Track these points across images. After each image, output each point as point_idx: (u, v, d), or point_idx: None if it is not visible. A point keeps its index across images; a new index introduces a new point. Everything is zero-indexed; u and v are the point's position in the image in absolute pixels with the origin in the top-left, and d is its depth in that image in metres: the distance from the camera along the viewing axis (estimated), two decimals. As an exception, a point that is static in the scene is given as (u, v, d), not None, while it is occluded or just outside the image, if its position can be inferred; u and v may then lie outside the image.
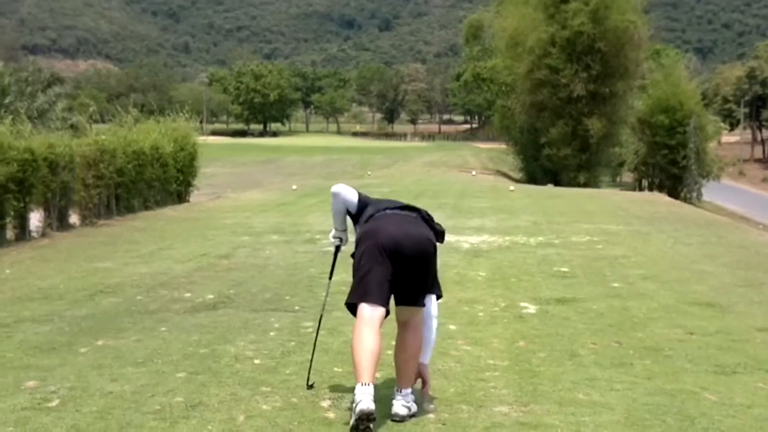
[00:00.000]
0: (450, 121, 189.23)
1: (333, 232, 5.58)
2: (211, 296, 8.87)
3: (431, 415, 5.05)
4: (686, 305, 8.50)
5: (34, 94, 44.51)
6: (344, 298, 5.07)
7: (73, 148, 16.87)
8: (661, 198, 30.85)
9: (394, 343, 5.26)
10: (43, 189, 15.38)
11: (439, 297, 5.32)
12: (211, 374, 5.85)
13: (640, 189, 52.19)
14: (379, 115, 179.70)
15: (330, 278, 5.83)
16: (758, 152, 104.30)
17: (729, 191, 61.12)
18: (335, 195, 5.30)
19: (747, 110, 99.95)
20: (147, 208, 20.44)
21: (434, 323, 5.29)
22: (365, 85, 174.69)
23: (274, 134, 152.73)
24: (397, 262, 4.87)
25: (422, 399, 5.13)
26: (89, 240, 14.98)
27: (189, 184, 24.28)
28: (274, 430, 4.77)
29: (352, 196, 5.29)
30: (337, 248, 5.61)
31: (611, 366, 6.14)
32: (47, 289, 9.55)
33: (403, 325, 5.12)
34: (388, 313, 4.96)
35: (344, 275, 8.61)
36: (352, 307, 4.97)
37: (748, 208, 49.06)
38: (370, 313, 4.84)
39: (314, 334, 5.85)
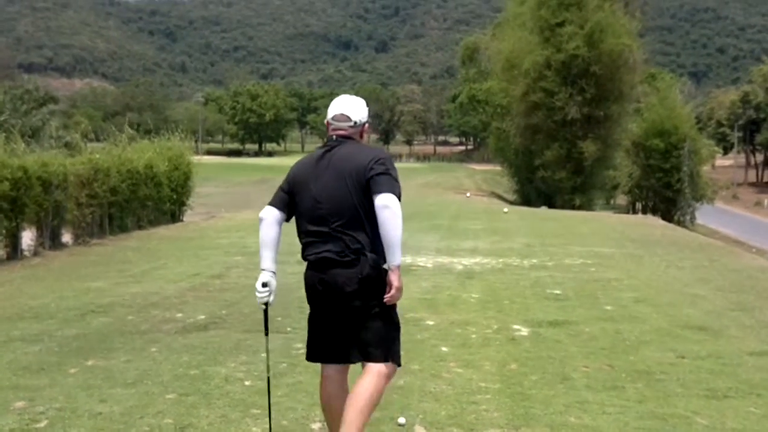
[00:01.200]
0: (445, 143, 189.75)
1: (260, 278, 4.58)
2: (202, 317, 8.84)
3: (421, 439, 5.02)
4: (678, 329, 8.49)
5: (29, 112, 44.56)
6: None
7: (67, 166, 16.85)
8: (655, 221, 30.90)
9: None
10: (36, 208, 15.34)
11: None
12: (201, 396, 5.82)
13: (634, 212, 52.32)
14: (375, 136, 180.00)
15: (266, 335, 4.94)
16: (752, 176, 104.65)
17: (722, 215, 61.27)
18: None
19: (741, 134, 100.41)
20: (140, 227, 20.41)
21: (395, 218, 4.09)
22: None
23: (270, 154, 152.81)
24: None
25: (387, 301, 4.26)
26: (81, 259, 14.94)
27: (183, 204, 24.25)
28: (263, 453, 4.74)
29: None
30: (266, 306, 4.71)
31: (603, 389, 6.12)
32: (38, 308, 9.51)
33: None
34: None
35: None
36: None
37: (741, 232, 49.15)
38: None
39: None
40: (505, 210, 31.58)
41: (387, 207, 4.05)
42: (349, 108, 4.40)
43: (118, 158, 19.93)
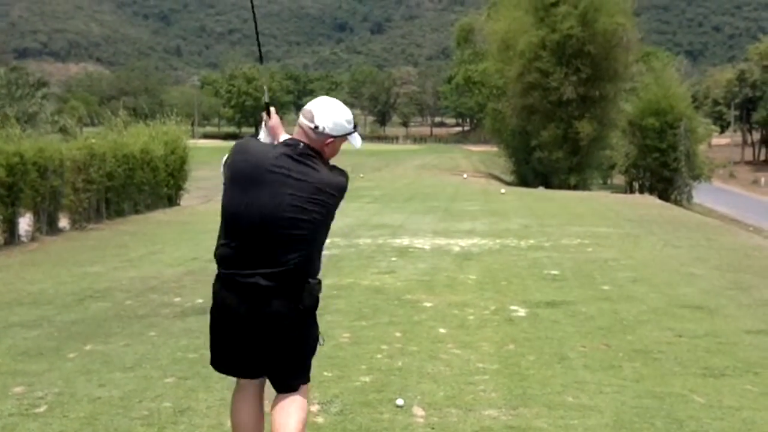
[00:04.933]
0: (442, 124, 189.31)
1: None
2: (200, 300, 8.84)
3: (420, 419, 5.05)
4: (675, 308, 8.52)
5: (24, 97, 44.45)
6: (333, 301, 4.81)
7: (63, 152, 16.83)
8: (652, 200, 30.92)
9: None
10: (33, 193, 15.33)
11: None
12: (199, 379, 5.84)
13: (631, 191, 52.28)
14: (371, 118, 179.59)
15: None
16: (748, 154, 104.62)
17: (719, 193, 61.26)
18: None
19: (737, 113, 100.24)
20: (137, 212, 20.40)
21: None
22: (357, 88, 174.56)
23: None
24: None
25: None
26: (79, 244, 14.93)
27: (179, 188, 24.23)
28: (263, 435, 4.75)
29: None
30: None
31: (600, 369, 6.15)
32: (36, 293, 9.52)
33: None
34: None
35: (335, 279, 8.64)
36: None
37: (738, 211, 49.13)
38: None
39: None
40: (503, 191, 31.58)
41: None
42: (321, 109, 3.69)
43: (114, 143, 19.91)
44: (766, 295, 9.48)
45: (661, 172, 50.62)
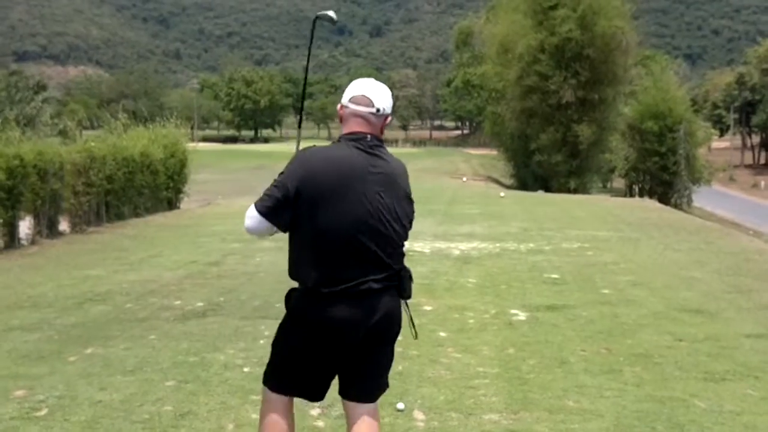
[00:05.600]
0: (441, 127, 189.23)
1: None
2: (200, 304, 8.85)
3: (421, 423, 5.05)
4: (676, 312, 8.52)
5: (23, 100, 44.48)
6: None
7: (63, 155, 16.83)
8: (652, 204, 30.91)
9: None
10: (33, 196, 15.32)
11: None
12: (200, 383, 5.84)
13: (631, 195, 52.30)
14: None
15: None
16: (748, 158, 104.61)
17: (719, 197, 61.28)
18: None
19: (737, 116, 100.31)
20: (137, 215, 20.39)
21: None
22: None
23: (266, 140, 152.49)
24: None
25: None
26: (79, 247, 14.93)
27: (179, 191, 24.24)
28: (264, 439, 4.75)
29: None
30: None
31: (601, 373, 6.15)
32: (36, 296, 9.51)
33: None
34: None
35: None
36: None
37: (738, 214, 49.17)
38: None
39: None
40: (502, 194, 31.59)
41: None
42: (373, 91, 3.58)
43: (113, 146, 19.91)
44: (767, 298, 9.47)
45: (661, 175, 50.66)
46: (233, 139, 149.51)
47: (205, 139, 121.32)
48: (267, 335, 7.36)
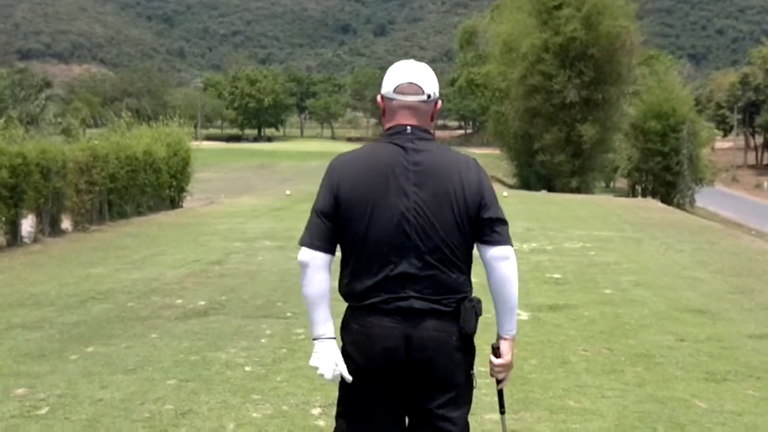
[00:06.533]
0: (444, 127, 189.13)
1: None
2: (202, 302, 8.85)
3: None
4: (678, 312, 8.51)
5: (27, 98, 44.54)
6: (336, 304, 4.14)
7: (66, 153, 16.85)
8: (654, 204, 30.90)
9: None
10: (35, 194, 15.34)
11: None
12: (201, 381, 5.84)
13: (634, 195, 52.26)
14: (374, 121, 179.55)
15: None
16: (751, 158, 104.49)
17: (722, 197, 61.23)
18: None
19: (740, 116, 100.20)
20: (139, 213, 20.41)
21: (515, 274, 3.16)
22: (360, 91, 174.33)
23: (269, 139, 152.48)
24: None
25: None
26: (81, 246, 14.94)
27: (182, 190, 24.26)
28: (264, 438, 4.76)
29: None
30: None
31: (602, 373, 6.14)
32: (38, 295, 9.52)
33: None
34: None
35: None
36: None
37: (740, 215, 49.08)
38: None
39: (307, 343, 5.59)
40: (505, 194, 31.55)
41: (507, 258, 3.11)
42: (421, 76, 3.12)
43: (116, 144, 19.93)
44: (769, 299, 9.46)
45: (664, 175, 50.59)
46: (236, 138, 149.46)
47: (209, 138, 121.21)
48: (268, 334, 7.37)
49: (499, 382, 3.36)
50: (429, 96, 3.08)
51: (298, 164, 79.44)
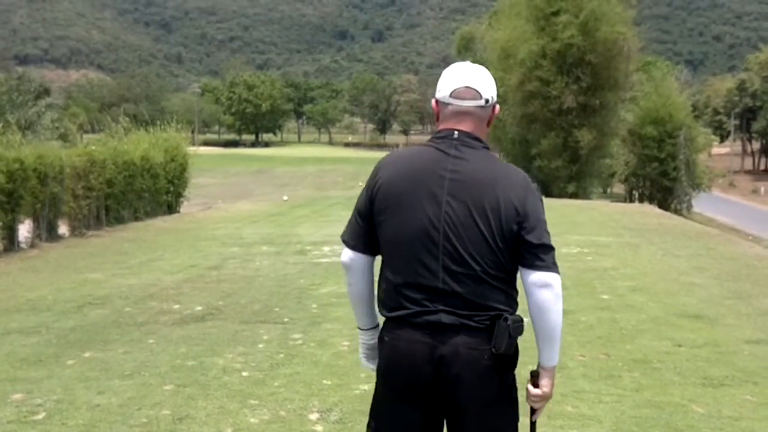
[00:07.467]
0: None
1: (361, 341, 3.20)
2: (199, 308, 8.85)
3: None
4: (675, 317, 8.51)
5: (25, 103, 44.54)
6: (333, 309, 4.60)
7: (63, 158, 16.82)
8: (651, 209, 30.90)
9: None
10: (32, 200, 15.32)
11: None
12: (198, 387, 5.84)
13: (631, 200, 52.30)
14: (371, 126, 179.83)
15: None
16: (748, 164, 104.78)
17: (719, 203, 61.31)
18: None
19: (737, 122, 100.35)
20: (137, 218, 20.39)
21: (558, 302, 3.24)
22: (358, 96, 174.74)
23: (266, 145, 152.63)
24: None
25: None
26: (78, 251, 14.93)
27: (179, 195, 24.23)
28: (261, 444, 4.75)
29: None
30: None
31: (600, 378, 6.14)
32: (35, 300, 9.51)
33: None
34: None
35: (335, 287, 8.65)
36: None
37: (738, 220, 49.17)
38: None
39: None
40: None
41: (549, 286, 3.01)
42: (479, 80, 2.97)
43: (114, 150, 19.91)
44: (766, 304, 9.47)
45: (661, 181, 50.64)
46: (234, 143, 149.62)
47: (206, 143, 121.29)
48: (266, 339, 7.36)
49: (533, 412, 3.19)
50: (487, 101, 2.98)
51: (295, 169, 79.44)
